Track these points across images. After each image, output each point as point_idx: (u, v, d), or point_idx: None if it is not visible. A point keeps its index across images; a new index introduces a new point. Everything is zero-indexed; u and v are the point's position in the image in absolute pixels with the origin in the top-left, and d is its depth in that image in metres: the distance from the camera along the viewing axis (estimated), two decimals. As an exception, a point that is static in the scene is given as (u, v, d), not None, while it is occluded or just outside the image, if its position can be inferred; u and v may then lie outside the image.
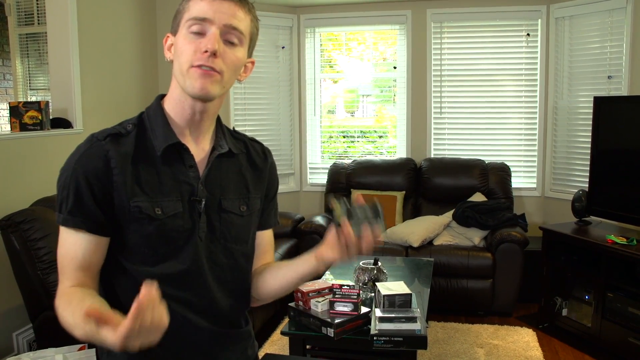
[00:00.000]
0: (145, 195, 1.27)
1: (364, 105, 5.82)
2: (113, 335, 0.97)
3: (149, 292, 0.97)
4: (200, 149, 1.37)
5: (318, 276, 2.72)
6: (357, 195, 1.28)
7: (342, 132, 5.74)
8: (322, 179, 5.43)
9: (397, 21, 5.24)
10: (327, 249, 1.29)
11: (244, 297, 1.47)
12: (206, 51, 1.23)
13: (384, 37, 5.45)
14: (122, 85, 4.54)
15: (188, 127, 1.35)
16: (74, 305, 1.16)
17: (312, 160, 5.60)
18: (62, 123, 3.89)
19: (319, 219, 4.66)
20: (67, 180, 1.26)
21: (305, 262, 1.37)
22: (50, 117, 3.79)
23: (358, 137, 5.67)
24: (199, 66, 1.24)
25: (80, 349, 2.86)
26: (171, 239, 1.30)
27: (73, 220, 1.24)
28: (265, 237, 1.53)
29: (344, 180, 5.09)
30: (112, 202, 1.26)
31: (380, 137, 5.66)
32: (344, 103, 5.77)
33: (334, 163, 5.27)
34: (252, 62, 1.39)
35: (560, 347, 3.79)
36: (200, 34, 1.25)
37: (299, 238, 4.54)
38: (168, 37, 1.34)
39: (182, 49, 1.26)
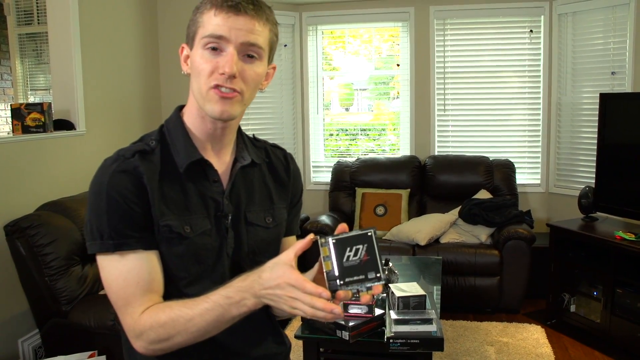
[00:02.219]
0: (173, 214, 1.22)
1: (358, 100, 5.79)
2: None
3: None
4: (222, 162, 1.32)
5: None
6: (342, 226, 1.09)
7: (342, 129, 5.71)
8: (326, 177, 5.41)
9: (400, 18, 5.21)
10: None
11: (271, 310, 1.41)
12: (223, 73, 1.17)
13: (386, 34, 5.42)
14: (125, 85, 4.51)
15: (209, 141, 1.30)
16: (176, 303, 1.15)
17: (315, 158, 5.58)
18: (64, 125, 3.85)
19: (325, 218, 4.63)
20: (103, 205, 1.17)
21: None
22: (53, 119, 3.74)
23: (358, 134, 5.64)
24: (218, 87, 1.19)
25: (90, 356, 2.83)
26: (202, 258, 1.25)
27: (127, 242, 1.17)
28: (288, 245, 1.45)
29: (348, 178, 5.07)
30: (152, 218, 1.20)
31: (380, 134, 5.63)
32: (339, 98, 5.74)
33: (338, 161, 5.25)
34: (274, 68, 1.33)
35: (569, 343, 3.78)
36: (217, 50, 1.19)
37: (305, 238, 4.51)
38: (183, 47, 1.28)
39: (199, 68, 1.20)
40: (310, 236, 1.09)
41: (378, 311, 2.67)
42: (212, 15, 1.18)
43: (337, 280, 1.02)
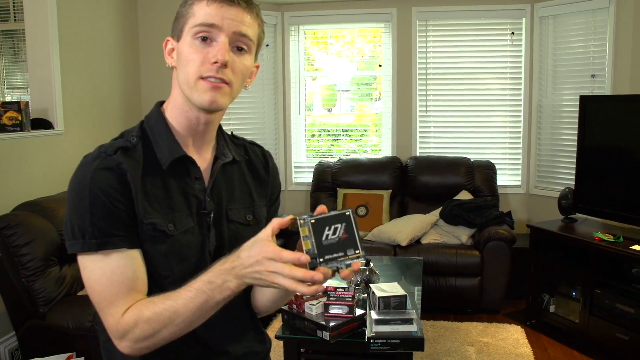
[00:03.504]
0: (157, 212, 1.20)
1: (341, 102, 5.79)
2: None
3: None
4: (203, 159, 1.31)
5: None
6: (320, 207, 1.09)
7: (324, 129, 5.70)
8: (307, 178, 5.40)
9: (383, 19, 5.22)
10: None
11: (252, 308, 1.42)
12: (216, 62, 1.16)
13: (369, 35, 5.43)
14: (104, 84, 4.46)
15: (191, 137, 1.28)
16: (158, 296, 1.14)
17: (297, 159, 5.56)
18: (42, 124, 3.80)
19: (306, 219, 4.61)
20: (85, 203, 1.14)
21: None
22: (30, 118, 3.69)
23: (340, 135, 5.64)
24: (208, 78, 1.17)
25: (68, 358, 2.79)
26: (185, 256, 1.23)
27: (111, 241, 1.14)
28: None
29: (330, 179, 5.06)
30: (135, 216, 1.18)
31: (362, 135, 5.63)
32: (321, 99, 5.74)
33: (319, 162, 5.24)
34: (257, 67, 1.33)
35: (549, 343, 3.81)
36: (208, 40, 1.18)
37: (286, 238, 4.49)
38: (168, 40, 1.26)
39: (188, 58, 1.18)
40: (290, 216, 1.11)
41: (359, 311, 2.66)
42: (203, 5, 1.17)
43: (317, 259, 1.04)
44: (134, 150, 1.22)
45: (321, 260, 1.04)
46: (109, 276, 1.15)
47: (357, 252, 1.05)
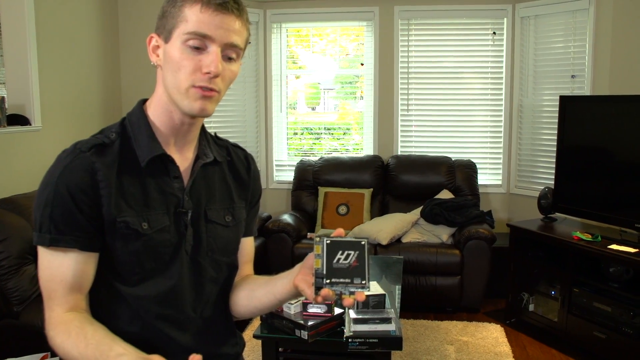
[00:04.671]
0: (131, 210, 1.20)
1: (325, 100, 5.78)
2: None
3: None
4: (184, 158, 1.31)
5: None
6: (339, 230, 1.12)
7: (306, 128, 5.69)
8: (289, 176, 5.38)
9: (365, 17, 5.21)
10: (305, 285, 1.15)
11: (229, 310, 1.42)
12: (208, 72, 1.16)
13: (350, 33, 5.42)
14: (84, 80, 4.40)
15: (174, 136, 1.28)
16: (74, 336, 1.11)
17: (278, 157, 5.54)
18: (19, 120, 3.74)
19: (287, 217, 4.60)
20: (49, 197, 1.15)
21: (283, 287, 1.26)
22: (7, 114, 3.63)
23: (322, 133, 5.63)
24: (200, 87, 1.17)
25: (42, 358, 2.75)
26: (158, 254, 1.23)
27: (63, 240, 1.15)
28: (246, 246, 1.47)
29: (311, 177, 5.05)
30: (102, 217, 1.18)
31: (345, 133, 5.63)
32: (305, 97, 5.72)
33: (301, 160, 5.23)
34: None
35: (527, 342, 3.83)
36: (199, 48, 1.17)
37: (267, 237, 4.48)
38: (152, 37, 1.23)
39: (179, 64, 1.17)
40: (308, 234, 1.16)
41: (337, 310, 2.65)
42: (197, 11, 1.15)
43: (324, 279, 1.07)
44: (110, 147, 1.21)
45: (327, 281, 1.07)
46: (51, 272, 1.17)
47: (364, 282, 1.08)
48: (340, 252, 1.08)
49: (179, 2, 1.17)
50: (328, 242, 1.08)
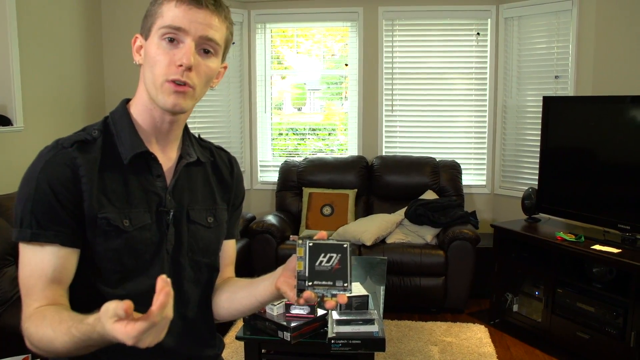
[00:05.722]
0: (113, 206, 1.19)
1: (311, 101, 5.77)
2: (126, 329, 0.89)
3: (166, 286, 0.90)
4: (167, 157, 1.31)
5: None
6: (321, 233, 1.13)
7: (291, 128, 5.67)
8: (273, 177, 5.36)
9: (349, 18, 5.20)
10: (287, 287, 1.16)
11: (209, 311, 1.41)
12: (181, 65, 1.17)
13: (336, 34, 5.41)
14: (66, 80, 4.35)
15: (155, 135, 1.28)
16: (50, 317, 1.08)
17: (263, 158, 5.52)
18: (1, 120, 3.69)
19: (271, 218, 4.58)
20: (31, 192, 1.15)
21: (265, 290, 1.26)
22: (-13, 114, 3.59)
23: (308, 134, 5.61)
24: (173, 81, 1.18)
25: (22, 360, 2.71)
26: (139, 253, 1.22)
27: (45, 235, 1.14)
28: (228, 248, 1.47)
29: (295, 178, 5.03)
30: (83, 212, 1.17)
31: (330, 134, 5.62)
32: (291, 98, 5.71)
33: (285, 161, 5.21)
34: (225, 67, 1.34)
35: (511, 342, 3.83)
36: (174, 42, 1.18)
37: (251, 238, 4.46)
38: (137, 38, 1.26)
39: (154, 59, 1.19)
40: (291, 237, 1.16)
41: (320, 312, 2.64)
42: (172, 6, 1.18)
43: (306, 281, 1.08)
44: (92, 143, 1.22)
45: (309, 284, 1.08)
46: (32, 268, 1.15)
47: (345, 284, 1.09)
48: (322, 254, 1.09)
49: (157, 1, 1.21)
50: (310, 244, 1.10)
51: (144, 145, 1.25)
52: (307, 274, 1.08)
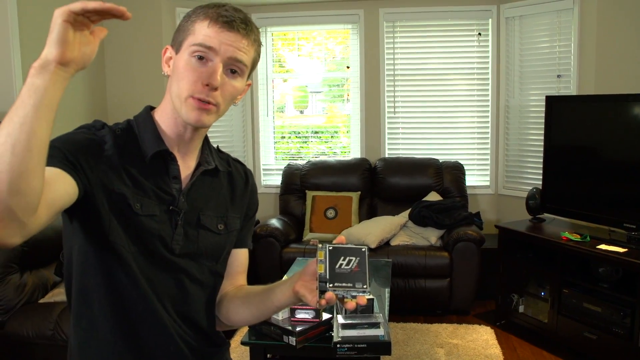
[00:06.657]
0: (127, 188, 1.21)
1: (313, 103, 5.77)
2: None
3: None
4: (186, 165, 1.33)
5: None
6: (340, 238, 1.17)
7: (294, 131, 5.67)
8: (276, 180, 5.35)
9: (350, 20, 5.20)
10: (306, 290, 1.19)
11: (211, 315, 1.41)
12: (207, 84, 1.20)
13: (337, 36, 5.41)
14: (68, 87, 4.32)
15: (177, 143, 1.31)
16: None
17: (266, 161, 5.51)
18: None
19: (275, 222, 4.58)
20: (59, 138, 1.17)
21: (282, 294, 1.27)
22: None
23: (310, 136, 5.60)
24: (198, 99, 1.21)
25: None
26: (144, 241, 1.23)
27: (51, 161, 1.06)
28: (240, 257, 1.48)
29: (299, 181, 5.02)
30: (95, 180, 1.16)
31: (332, 136, 5.61)
32: (293, 100, 5.70)
33: (288, 164, 5.20)
34: (249, 85, 1.36)
35: (518, 343, 3.82)
36: (203, 59, 1.21)
37: (255, 241, 4.44)
38: (167, 49, 1.30)
39: (182, 74, 1.22)
40: (311, 241, 1.17)
41: (325, 316, 2.63)
42: (205, 25, 1.21)
43: (327, 283, 1.12)
44: (118, 137, 1.25)
45: (330, 285, 1.12)
46: None
47: (365, 287, 1.12)
48: (342, 258, 1.13)
49: (192, 17, 1.25)
50: (330, 248, 1.14)
51: (165, 145, 1.28)
52: (327, 276, 1.12)
